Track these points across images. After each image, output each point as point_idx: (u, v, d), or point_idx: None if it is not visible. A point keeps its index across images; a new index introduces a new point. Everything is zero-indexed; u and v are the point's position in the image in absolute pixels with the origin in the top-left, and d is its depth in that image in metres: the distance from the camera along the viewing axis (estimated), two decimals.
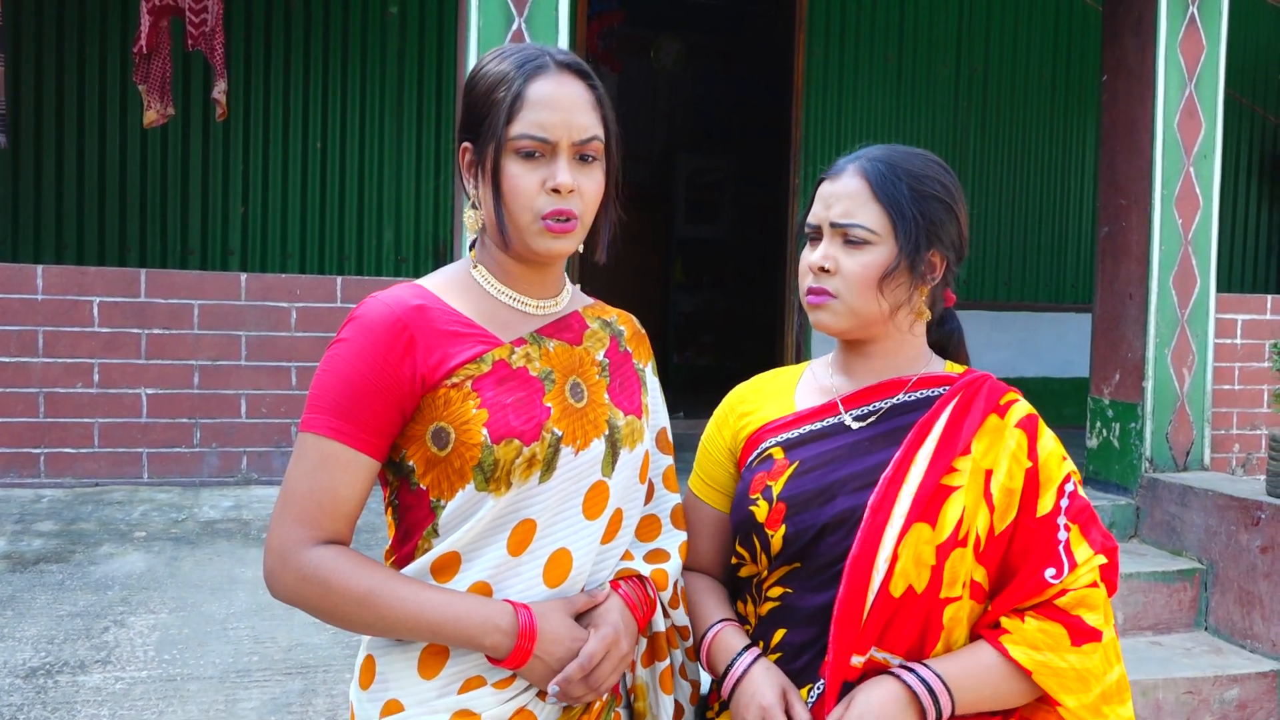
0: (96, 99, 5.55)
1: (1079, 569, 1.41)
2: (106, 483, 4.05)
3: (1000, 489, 1.42)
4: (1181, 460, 4.61)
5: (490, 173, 1.33)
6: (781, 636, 1.46)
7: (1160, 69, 4.52)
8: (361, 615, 1.26)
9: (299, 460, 1.29)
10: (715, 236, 9.19)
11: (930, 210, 1.46)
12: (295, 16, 5.77)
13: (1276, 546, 3.86)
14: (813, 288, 1.49)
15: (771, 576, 1.48)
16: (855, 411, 1.51)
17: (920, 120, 7.00)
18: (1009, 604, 1.41)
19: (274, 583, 1.29)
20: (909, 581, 1.37)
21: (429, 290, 1.36)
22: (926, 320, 1.52)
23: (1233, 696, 3.72)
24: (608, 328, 1.49)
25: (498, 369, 1.33)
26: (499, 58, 1.36)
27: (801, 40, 6.74)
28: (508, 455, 1.29)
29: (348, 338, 1.31)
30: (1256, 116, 7.61)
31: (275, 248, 5.83)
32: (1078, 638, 1.39)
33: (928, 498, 1.40)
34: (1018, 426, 1.46)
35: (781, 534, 1.45)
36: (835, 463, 1.47)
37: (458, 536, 1.30)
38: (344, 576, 1.26)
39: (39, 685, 2.25)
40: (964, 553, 1.39)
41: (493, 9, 3.66)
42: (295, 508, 1.28)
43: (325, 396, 1.29)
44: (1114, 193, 4.73)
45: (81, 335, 4.01)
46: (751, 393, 1.64)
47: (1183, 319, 4.59)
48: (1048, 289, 7.33)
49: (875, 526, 1.39)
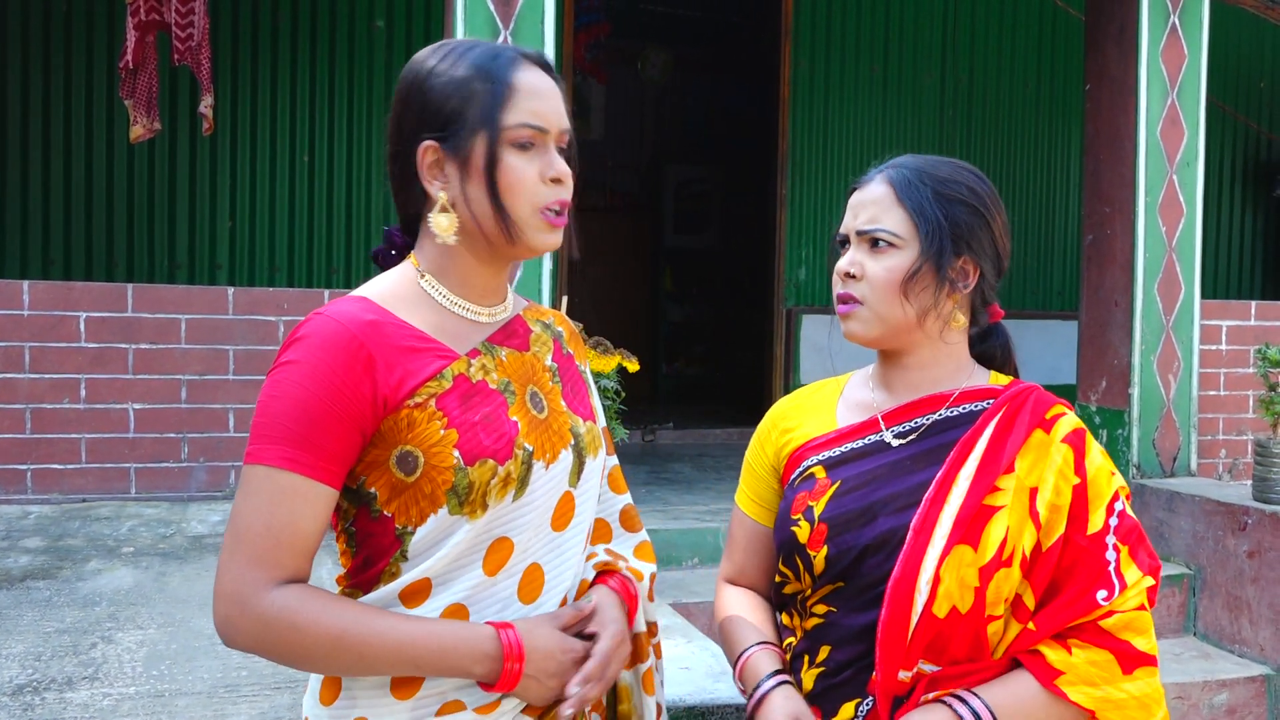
0: (83, 114, 5.55)
1: (1128, 591, 1.38)
2: (94, 498, 4.04)
3: (1047, 506, 1.39)
4: (1169, 466, 4.64)
5: (484, 167, 1.24)
6: (827, 653, 1.45)
7: (1142, 78, 4.56)
8: (337, 657, 1.17)
9: (250, 495, 1.17)
10: (704, 246, 9.21)
11: (955, 214, 1.45)
12: (282, 31, 5.78)
13: (1264, 551, 3.88)
14: (840, 294, 1.48)
15: (815, 595, 1.47)
16: (897, 428, 1.49)
17: (906, 130, 7.04)
18: (1057, 623, 1.37)
19: (230, 631, 1.17)
20: (953, 603, 1.35)
21: (376, 303, 1.25)
22: (960, 328, 1.50)
23: (1222, 701, 3.74)
24: (548, 330, 1.43)
25: (459, 384, 1.25)
26: (448, 54, 1.29)
27: (787, 51, 6.77)
28: (483, 476, 1.22)
29: (297, 359, 1.19)
30: (1239, 124, 7.67)
31: (263, 262, 5.82)
32: (1129, 664, 1.36)
33: (969, 519, 1.37)
34: (1064, 441, 1.43)
35: (824, 555, 1.43)
36: (877, 482, 1.45)
37: (431, 563, 1.22)
38: (313, 616, 1.15)
39: (26, 702, 2.24)
40: (1009, 572, 1.37)
41: (479, 22, 3.67)
42: (250, 547, 1.16)
43: (277, 424, 1.17)
44: (1098, 201, 4.76)
45: (68, 350, 4.00)
46: (793, 408, 1.63)
47: (1168, 326, 4.62)
48: (1034, 296, 7.37)
49: (917, 549, 1.37)
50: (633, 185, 9.24)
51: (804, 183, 6.85)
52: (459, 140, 1.25)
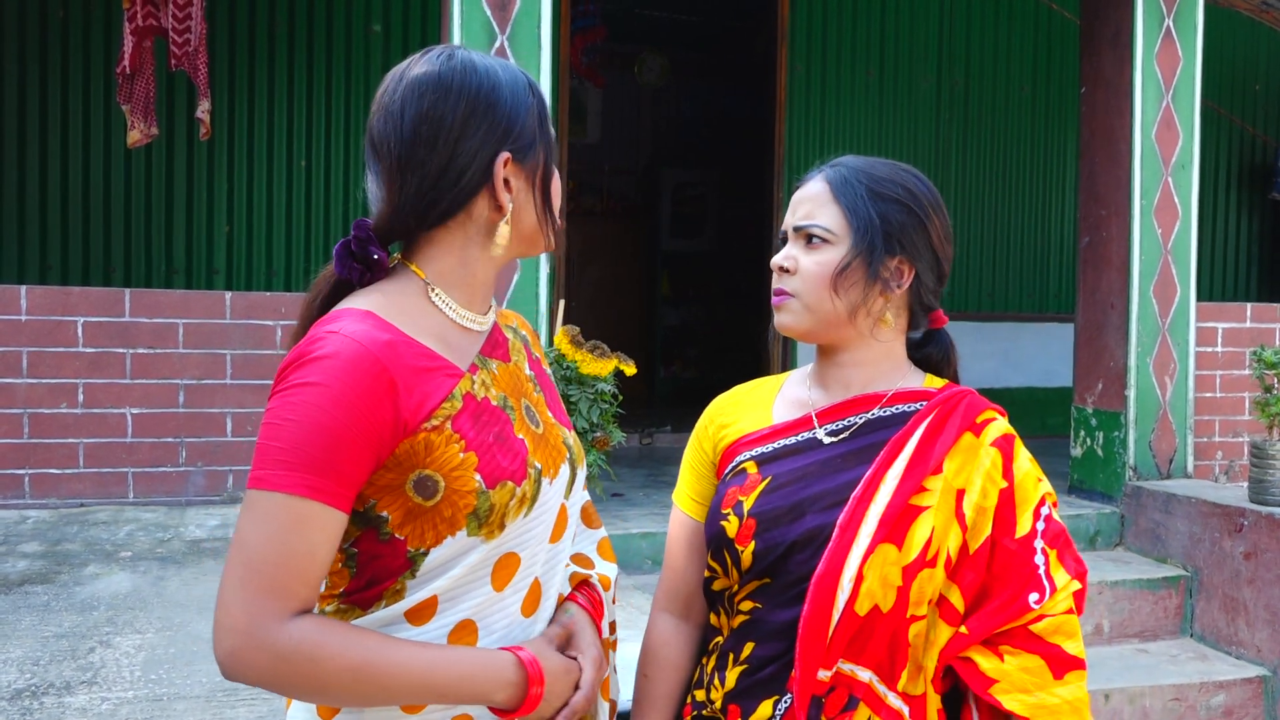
0: (80, 119, 5.55)
1: (1058, 594, 1.40)
2: (92, 503, 4.04)
3: (973, 508, 1.41)
4: (1165, 468, 4.64)
5: (543, 177, 1.31)
6: (751, 649, 1.46)
7: (1138, 81, 4.58)
8: (358, 688, 1.14)
9: (263, 522, 1.12)
10: (700, 250, 9.23)
11: (888, 213, 1.47)
12: (279, 35, 5.79)
13: (1260, 553, 3.88)
14: (775, 288, 1.51)
15: (743, 591, 1.48)
16: (829, 426, 1.50)
17: (902, 133, 7.06)
18: (989, 626, 1.39)
19: (239, 665, 1.11)
20: (874, 601, 1.37)
21: (386, 320, 1.21)
22: (891, 328, 1.51)
23: (1219, 703, 3.74)
24: (517, 335, 1.42)
25: (468, 404, 1.23)
26: (489, 65, 1.29)
27: (784, 55, 6.79)
28: (503, 498, 1.21)
29: (317, 381, 1.13)
30: (1235, 127, 7.69)
31: (260, 266, 5.83)
32: (1059, 669, 1.37)
33: (895, 518, 1.39)
34: (993, 445, 1.45)
35: (751, 550, 1.44)
36: (807, 479, 1.46)
37: (441, 583, 1.21)
38: (335, 649, 1.12)
39: (24, 707, 2.24)
40: (933, 573, 1.38)
41: (476, 26, 3.68)
42: (264, 578, 1.11)
43: (297, 450, 1.12)
44: (1094, 203, 4.78)
45: (66, 355, 4.00)
46: (730, 404, 1.64)
47: (1164, 328, 4.63)
48: (1030, 299, 7.38)
49: (842, 546, 1.38)
50: (629, 189, 9.26)
51: None
52: (530, 151, 1.29)
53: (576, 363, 3.46)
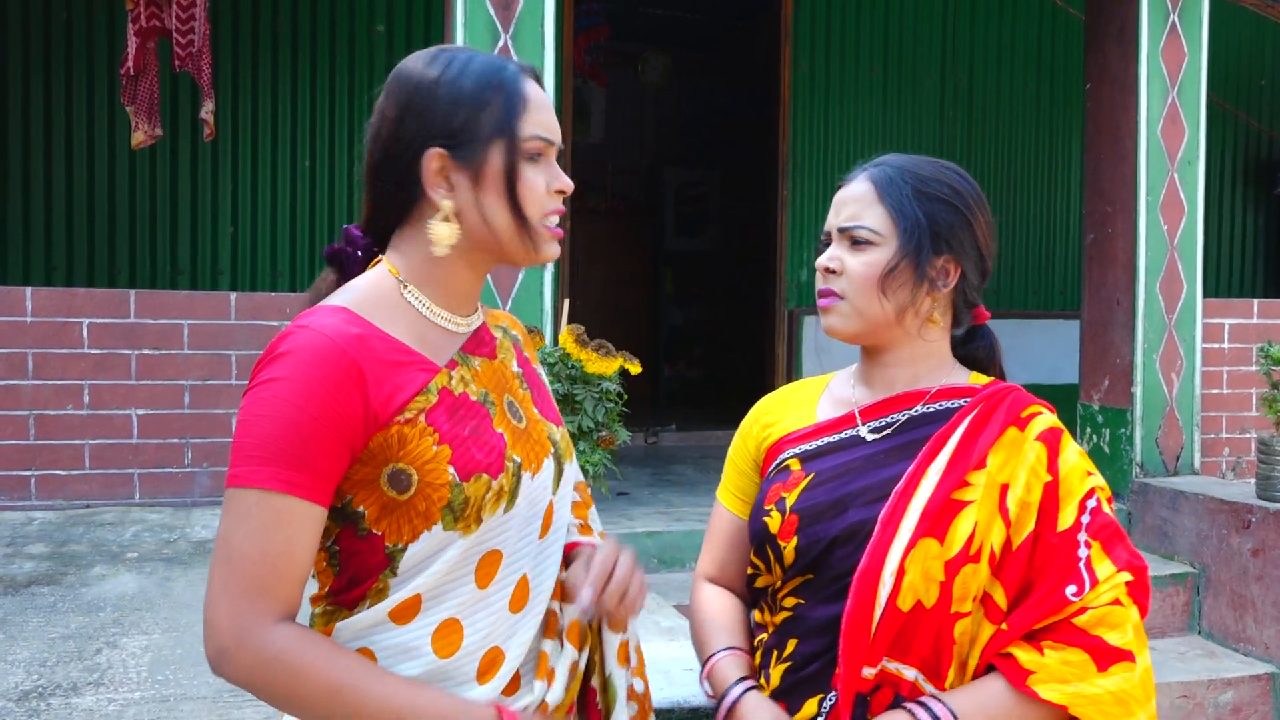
0: (84, 120, 5.55)
1: (1100, 586, 1.37)
2: (98, 504, 4.04)
3: (1017, 503, 1.39)
4: (1172, 465, 4.63)
5: (504, 177, 1.24)
6: (794, 646, 1.46)
7: (1143, 76, 4.57)
8: (332, 708, 1.13)
9: (242, 520, 1.13)
10: (704, 249, 9.23)
11: (935, 212, 1.46)
12: (282, 36, 5.79)
13: (1268, 549, 3.87)
14: (820, 289, 1.50)
15: (785, 587, 1.48)
16: (873, 423, 1.50)
17: (906, 131, 7.04)
18: (1027, 621, 1.37)
19: (225, 663, 1.12)
20: (917, 596, 1.35)
21: (357, 314, 1.21)
22: (939, 326, 1.50)
23: (1227, 700, 3.73)
24: (507, 335, 1.42)
25: (444, 398, 1.23)
26: (450, 62, 1.26)
27: (787, 54, 6.78)
28: (478, 492, 1.21)
29: (283, 375, 1.14)
30: (1240, 122, 7.66)
31: (265, 267, 5.83)
32: (1103, 661, 1.34)
33: (936, 512, 1.38)
34: (1038, 439, 1.43)
35: (794, 545, 1.44)
36: (849, 475, 1.46)
37: (422, 580, 1.21)
38: (316, 663, 1.12)
39: (32, 708, 2.24)
40: (976, 568, 1.36)
41: (479, 26, 3.68)
42: (246, 577, 1.12)
43: (268, 444, 1.12)
44: (1099, 200, 4.76)
45: (71, 357, 4.00)
46: (775, 404, 1.64)
47: (1170, 324, 4.62)
48: (1036, 296, 7.36)
49: (883, 541, 1.38)
50: (633, 188, 9.25)
51: (805, 184, 6.85)
52: (471, 149, 1.24)
53: (581, 362, 3.45)
